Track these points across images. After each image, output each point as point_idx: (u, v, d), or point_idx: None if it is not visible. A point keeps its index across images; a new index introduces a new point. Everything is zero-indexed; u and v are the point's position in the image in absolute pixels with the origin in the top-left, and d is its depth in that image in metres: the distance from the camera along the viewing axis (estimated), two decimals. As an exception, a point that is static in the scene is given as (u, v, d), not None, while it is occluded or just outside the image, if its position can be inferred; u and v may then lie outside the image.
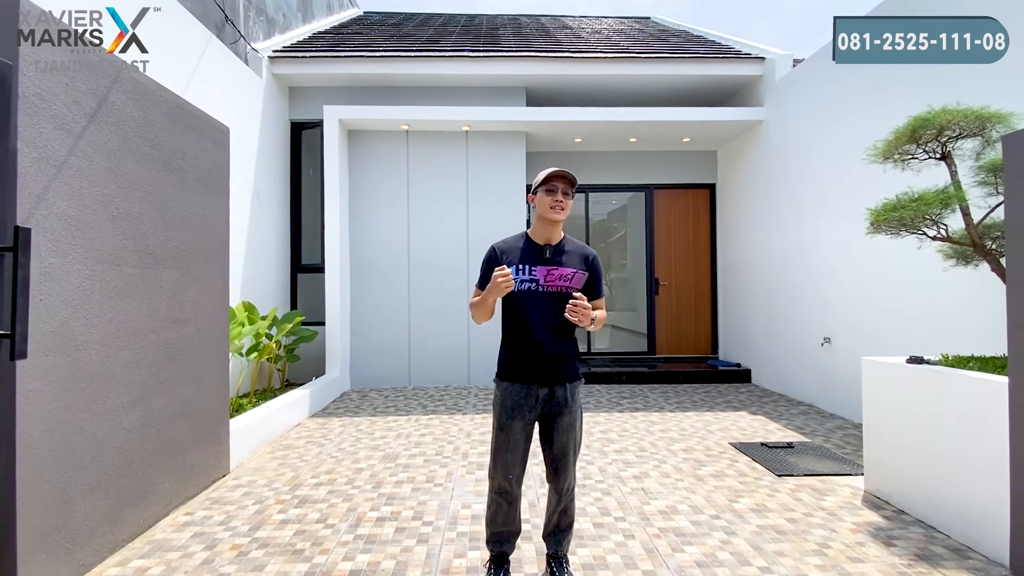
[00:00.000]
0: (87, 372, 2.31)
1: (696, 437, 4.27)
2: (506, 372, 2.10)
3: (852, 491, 3.14)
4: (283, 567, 2.33)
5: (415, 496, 3.11)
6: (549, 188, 2.07)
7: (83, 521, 2.28)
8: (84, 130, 2.31)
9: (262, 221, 5.91)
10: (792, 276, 5.74)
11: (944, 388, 2.61)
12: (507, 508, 2.13)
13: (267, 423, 4.19)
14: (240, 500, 3.07)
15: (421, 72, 6.56)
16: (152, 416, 2.75)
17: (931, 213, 2.83)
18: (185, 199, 3.07)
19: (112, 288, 2.47)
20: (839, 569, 2.28)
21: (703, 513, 2.86)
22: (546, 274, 2.05)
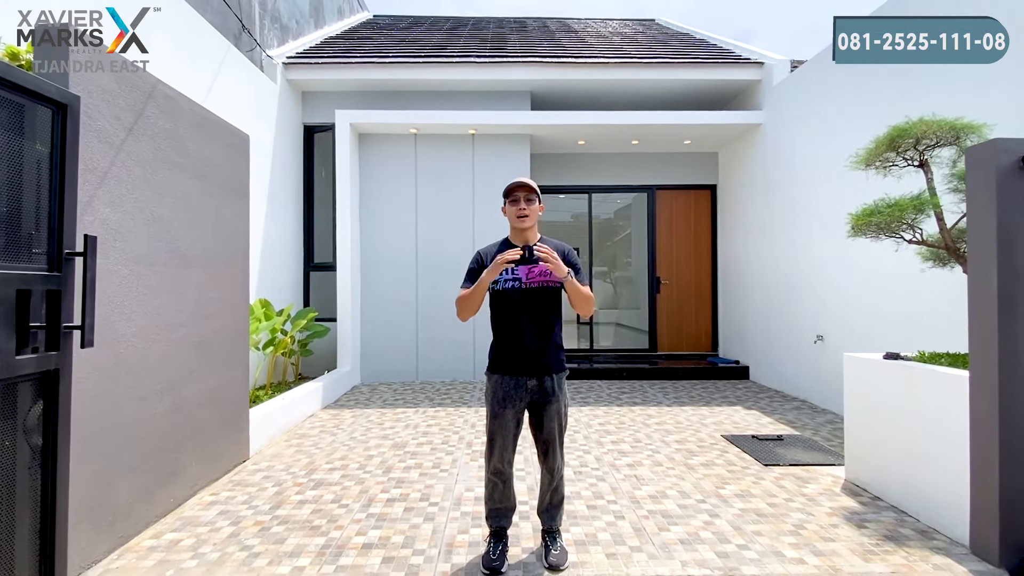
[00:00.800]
0: (126, 362, 2.55)
1: (690, 430, 4.46)
2: (496, 365, 2.32)
3: (833, 480, 3.33)
4: (302, 540, 2.56)
5: (422, 480, 3.34)
6: (512, 199, 2.29)
7: (122, 497, 2.52)
8: (123, 142, 2.55)
9: (277, 221, 6.17)
10: (788, 276, 5.90)
11: (913, 382, 2.79)
12: (503, 487, 2.36)
13: (283, 413, 4.44)
14: (260, 483, 3.31)
15: (430, 78, 6.79)
16: (182, 404, 2.99)
17: (907, 218, 3.01)
18: (210, 203, 3.31)
19: (147, 286, 2.71)
20: (811, 547, 2.48)
21: (690, 498, 3.06)
22: (527, 272, 2.27)
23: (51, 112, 1.51)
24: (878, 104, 4.52)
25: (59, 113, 1.50)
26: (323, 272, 6.97)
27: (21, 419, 1.44)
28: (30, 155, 1.49)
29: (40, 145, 1.51)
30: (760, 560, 2.36)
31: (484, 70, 6.78)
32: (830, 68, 5.19)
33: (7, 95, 1.42)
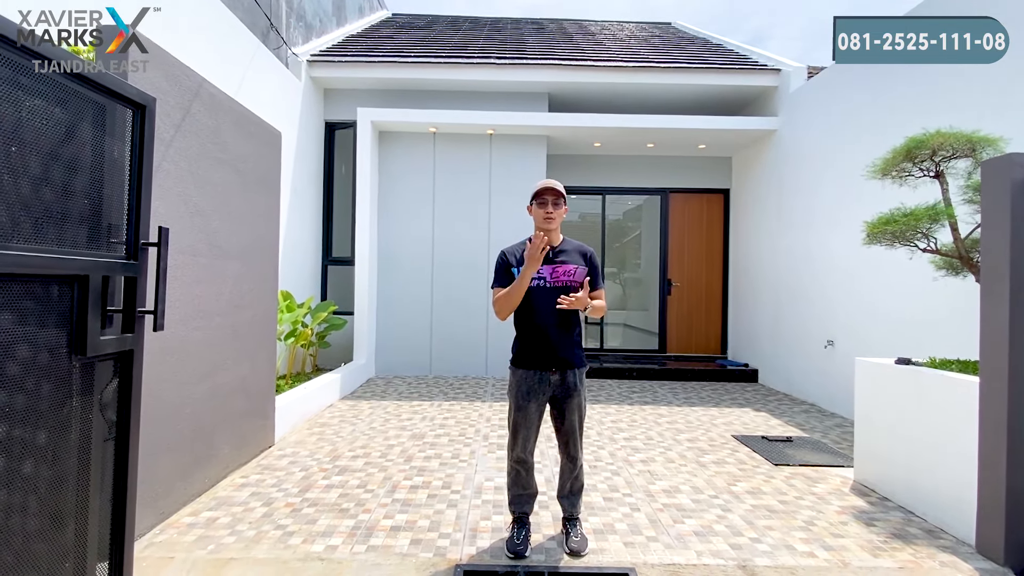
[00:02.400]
0: (170, 348, 2.68)
1: (701, 429, 4.56)
2: (521, 360, 2.44)
3: (842, 480, 3.42)
4: (332, 521, 2.69)
5: (443, 469, 3.46)
6: (540, 201, 2.41)
7: (164, 476, 2.66)
8: (172, 139, 2.68)
9: (298, 216, 6.31)
10: (799, 281, 5.98)
11: (924, 387, 2.88)
12: (525, 474, 2.50)
13: (304, 403, 4.58)
14: (287, 467, 3.45)
15: (449, 78, 6.91)
16: (216, 389, 3.13)
17: (921, 227, 3.09)
18: (246, 198, 3.44)
19: (189, 276, 2.84)
20: (821, 542, 2.58)
21: (703, 493, 3.16)
22: (551, 272, 2.38)
23: (130, 112, 1.63)
24: (894, 114, 4.59)
25: (138, 113, 1.62)
26: (340, 266, 7.11)
27: (98, 395, 1.57)
28: (110, 152, 1.61)
29: (119, 143, 1.63)
30: (772, 553, 2.47)
31: (503, 71, 6.90)
32: (848, 77, 5.26)
33: (95, 96, 1.54)
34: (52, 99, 1.44)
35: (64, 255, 1.45)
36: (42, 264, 1.37)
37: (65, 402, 1.47)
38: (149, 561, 2.29)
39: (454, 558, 2.36)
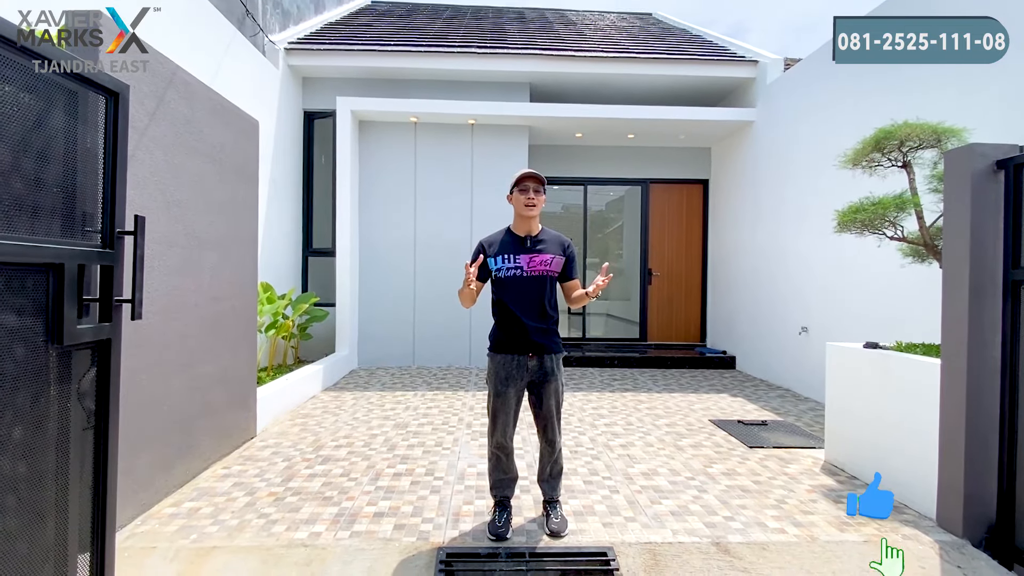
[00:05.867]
0: (148, 339, 2.66)
1: (679, 414, 4.67)
2: (499, 345, 2.49)
3: (813, 461, 3.55)
4: (316, 509, 2.71)
5: (426, 457, 3.50)
6: (522, 188, 2.45)
7: (145, 467, 2.65)
8: (146, 127, 2.64)
9: (277, 206, 6.24)
10: (774, 270, 6.12)
11: (890, 370, 3.00)
12: (506, 459, 2.55)
13: (286, 394, 4.56)
14: (270, 458, 3.45)
15: (430, 67, 6.86)
16: (196, 381, 3.11)
17: (889, 215, 3.20)
18: (223, 187, 3.40)
19: (167, 266, 2.81)
20: (791, 519, 2.68)
21: (680, 475, 3.25)
22: (528, 261, 2.43)
23: (104, 99, 1.61)
24: (866, 106, 4.70)
25: (111, 100, 1.61)
26: (321, 257, 7.05)
27: (75, 384, 1.56)
28: (83, 140, 1.60)
29: (92, 130, 1.61)
30: (745, 530, 2.56)
31: (484, 61, 6.87)
32: (822, 70, 5.36)
33: (67, 83, 1.52)
34: (22, 85, 1.43)
35: (38, 243, 1.44)
36: (16, 252, 1.36)
37: (42, 391, 1.47)
38: (131, 552, 2.29)
39: (437, 542, 2.41)
